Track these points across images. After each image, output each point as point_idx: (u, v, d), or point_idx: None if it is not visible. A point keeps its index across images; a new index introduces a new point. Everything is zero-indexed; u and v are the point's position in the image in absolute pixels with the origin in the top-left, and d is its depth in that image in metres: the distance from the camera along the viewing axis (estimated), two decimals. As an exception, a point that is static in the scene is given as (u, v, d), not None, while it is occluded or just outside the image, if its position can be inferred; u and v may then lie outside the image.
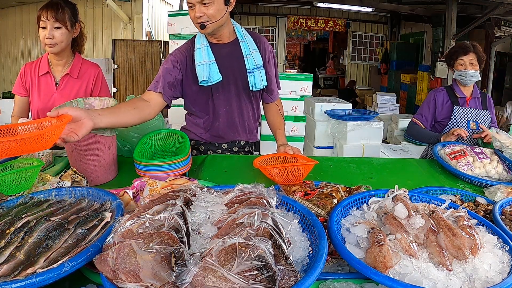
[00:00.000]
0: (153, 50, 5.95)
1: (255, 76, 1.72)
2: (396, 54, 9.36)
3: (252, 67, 1.72)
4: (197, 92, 1.71)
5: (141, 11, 7.27)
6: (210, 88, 1.70)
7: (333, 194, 1.09)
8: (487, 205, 1.24)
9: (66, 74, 1.85)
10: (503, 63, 8.94)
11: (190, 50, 1.68)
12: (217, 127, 1.79)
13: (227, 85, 1.72)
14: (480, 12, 6.40)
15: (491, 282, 0.77)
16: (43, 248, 0.77)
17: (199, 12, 1.53)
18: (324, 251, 0.74)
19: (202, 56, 1.65)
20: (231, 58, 1.71)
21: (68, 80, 1.86)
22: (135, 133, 1.73)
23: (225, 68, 1.69)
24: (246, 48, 1.72)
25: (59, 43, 1.75)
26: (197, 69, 1.65)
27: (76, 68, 1.87)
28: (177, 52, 1.68)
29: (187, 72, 1.68)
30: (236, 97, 1.76)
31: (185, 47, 1.70)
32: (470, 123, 2.16)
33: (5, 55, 7.75)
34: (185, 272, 0.64)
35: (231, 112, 1.77)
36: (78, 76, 1.88)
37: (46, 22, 1.69)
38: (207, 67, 1.64)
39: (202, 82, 1.66)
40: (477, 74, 2.13)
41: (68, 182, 1.29)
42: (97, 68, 1.96)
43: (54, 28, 1.71)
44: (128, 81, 5.92)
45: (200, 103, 1.75)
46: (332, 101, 4.51)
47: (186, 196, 0.91)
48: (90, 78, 1.91)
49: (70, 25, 1.75)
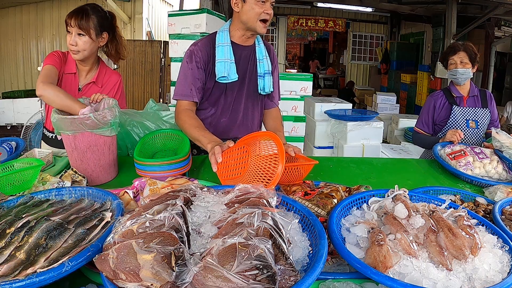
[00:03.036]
0: (153, 50, 5.96)
1: (264, 80, 1.81)
2: (396, 54, 9.36)
3: (263, 72, 1.80)
4: (211, 88, 1.75)
5: (141, 11, 7.27)
6: (225, 86, 1.75)
7: (333, 194, 1.09)
8: (487, 205, 1.25)
9: (91, 82, 1.82)
10: (503, 63, 8.94)
11: (211, 48, 1.72)
12: (222, 123, 1.83)
13: (240, 85, 1.78)
14: (480, 12, 6.40)
15: (491, 282, 0.77)
16: (44, 248, 0.77)
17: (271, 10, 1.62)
18: (324, 251, 0.74)
19: (224, 54, 1.69)
20: (248, 61, 1.78)
21: (91, 88, 1.82)
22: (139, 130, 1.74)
23: (241, 69, 1.75)
24: (260, 53, 1.81)
25: (81, 51, 1.69)
26: (217, 65, 1.69)
27: (101, 77, 1.84)
28: (198, 50, 1.69)
29: (208, 69, 1.72)
30: (245, 97, 1.83)
31: (206, 43, 1.72)
32: (469, 122, 2.17)
33: (5, 55, 7.75)
34: (185, 271, 0.64)
35: (238, 110, 1.83)
36: (102, 85, 1.85)
37: (71, 28, 1.66)
38: (227, 65, 1.69)
39: (221, 79, 1.70)
40: (468, 72, 2.14)
41: (68, 182, 1.29)
42: (119, 76, 1.93)
43: (78, 35, 1.66)
44: (128, 81, 5.92)
45: (211, 99, 1.79)
46: (332, 101, 4.51)
47: (186, 196, 0.91)
48: (112, 87, 1.89)
49: (95, 33, 1.69)
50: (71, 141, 1.39)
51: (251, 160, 1.21)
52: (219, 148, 1.30)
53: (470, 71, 2.14)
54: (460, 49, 2.16)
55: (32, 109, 5.06)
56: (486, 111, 2.19)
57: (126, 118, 1.76)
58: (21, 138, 1.85)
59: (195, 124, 1.61)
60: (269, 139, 1.27)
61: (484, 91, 2.28)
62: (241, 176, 1.22)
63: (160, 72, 6.07)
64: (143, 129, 1.78)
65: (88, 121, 1.34)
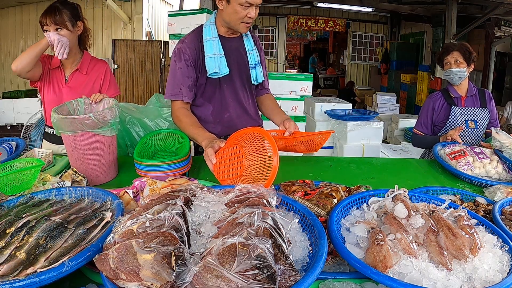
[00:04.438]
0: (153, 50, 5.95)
1: (256, 70, 1.82)
2: (396, 54, 9.36)
3: (253, 63, 1.81)
4: (204, 84, 1.74)
5: (141, 11, 7.27)
6: (219, 80, 1.74)
7: (333, 194, 1.09)
8: (487, 205, 1.25)
9: (75, 70, 1.92)
10: (503, 63, 8.93)
11: (199, 42, 1.70)
12: (228, 118, 1.82)
13: (234, 78, 1.78)
14: (480, 12, 6.39)
15: (491, 281, 0.77)
16: (44, 247, 0.77)
17: (254, 13, 1.59)
18: (324, 251, 0.74)
19: (213, 49, 1.68)
20: (237, 53, 1.77)
21: (78, 76, 1.92)
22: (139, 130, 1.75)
23: (232, 61, 1.74)
24: (250, 44, 1.80)
25: None
26: (206, 61, 1.67)
27: (85, 64, 1.93)
28: (186, 48, 1.67)
29: (198, 66, 1.70)
30: (241, 89, 1.83)
31: (193, 39, 1.70)
32: (468, 122, 2.17)
33: (5, 55, 7.74)
34: (185, 271, 0.64)
35: (238, 102, 1.83)
36: (87, 72, 1.93)
37: (48, 27, 1.75)
38: (218, 59, 1.68)
39: (212, 74, 1.70)
40: (463, 71, 2.14)
41: (69, 182, 1.29)
42: (105, 64, 2.02)
43: (56, 31, 1.76)
44: (128, 81, 5.91)
45: (206, 94, 1.78)
46: (332, 101, 4.51)
47: (186, 196, 0.91)
48: (99, 74, 1.97)
49: (71, 25, 1.79)
50: (71, 141, 1.39)
51: (246, 160, 1.22)
52: (211, 150, 1.31)
53: (465, 70, 2.14)
54: (453, 49, 2.17)
55: (32, 109, 5.07)
56: (485, 110, 2.19)
57: (126, 115, 1.77)
58: (21, 138, 1.86)
59: (190, 122, 1.61)
60: (258, 134, 1.27)
61: (483, 91, 2.28)
62: (239, 176, 1.22)
63: (160, 72, 6.07)
64: (142, 127, 1.78)
65: (88, 121, 1.35)
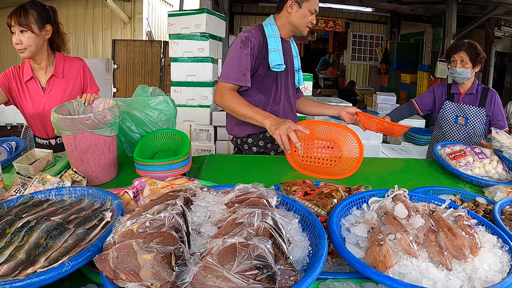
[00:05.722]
0: (153, 50, 5.96)
1: (299, 74, 1.99)
2: (396, 54, 9.36)
3: (297, 67, 1.98)
4: (262, 76, 1.80)
5: (141, 11, 7.28)
6: (276, 74, 1.82)
7: (333, 194, 1.09)
8: (487, 205, 1.25)
9: (51, 76, 1.81)
10: (503, 63, 8.93)
11: (263, 37, 1.77)
12: (275, 110, 1.87)
13: (286, 75, 1.89)
14: (480, 12, 6.40)
15: (491, 281, 0.77)
16: (44, 247, 0.77)
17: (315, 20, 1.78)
18: (324, 251, 0.74)
19: (276, 44, 1.77)
20: (289, 54, 1.91)
21: (54, 82, 1.82)
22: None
23: (286, 60, 1.85)
24: (295, 50, 1.97)
25: (27, 47, 1.70)
26: (270, 54, 1.76)
27: (59, 68, 1.83)
28: (253, 37, 1.73)
29: (260, 57, 1.76)
30: (290, 86, 1.95)
31: (258, 32, 1.77)
32: (458, 118, 2.19)
33: (5, 55, 7.75)
34: (185, 271, 0.64)
35: (287, 98, 1.92)
36: (63, 75, 1.83)
37: (14, 28, 1.66)
38: (280, 54, 1.78)
39: (275, 67, 1.77)
40: (467, 72, 2.15)
41: (68, 182, 1.29)
42: (81, 61, 1.91)
43: (21, 33, 1.67)
44: (128, 81, 5.92)
45: (264, 86, 1.84)
46: (332, 101, 4.51)
47: (186, 196, 0.91)
48: (76, 74, 1.86)
49: (37, 27, 1.69)
50: (71, 141, 1.39)
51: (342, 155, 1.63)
52: (293, 134, 1.42)
53: (469, 71, 2.15)
54: (461, 48, 2.18)
55: (32, 109, 5.05)
56: (481, 110, 2.20)
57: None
58: (21, 138, 1.85)
59: (244, 102, 1.66)
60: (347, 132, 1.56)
61: (487, 91, 2.28)
62: (332, 167, 1.58)
63: (160, 72, 6.07)
64: (133, 120, 1.73)
65: (88, 121, 1.35)
